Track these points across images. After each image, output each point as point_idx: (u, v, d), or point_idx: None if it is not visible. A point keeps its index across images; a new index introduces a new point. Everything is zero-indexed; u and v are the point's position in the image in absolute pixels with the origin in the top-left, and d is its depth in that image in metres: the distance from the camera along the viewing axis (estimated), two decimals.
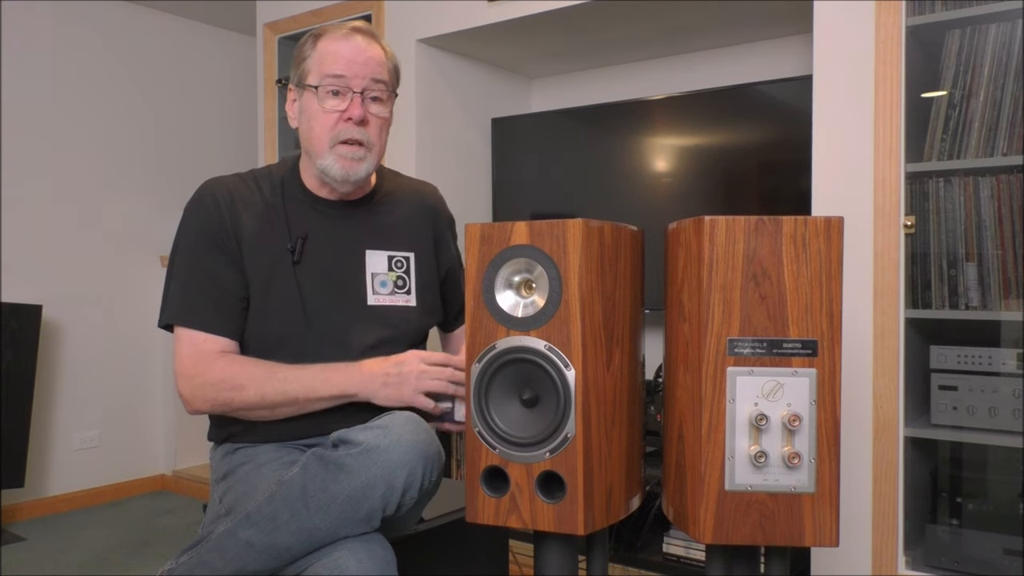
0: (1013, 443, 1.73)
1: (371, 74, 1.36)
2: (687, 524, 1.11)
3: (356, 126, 1.35)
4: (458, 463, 2.74)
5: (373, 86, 1.36)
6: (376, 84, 1.37)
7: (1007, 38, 1.76)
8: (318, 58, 1.36)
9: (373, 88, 1.36)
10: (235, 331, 1.37)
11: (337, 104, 1.35)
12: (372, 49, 1.38)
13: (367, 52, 1.37)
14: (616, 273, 1.15)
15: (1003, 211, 1.76)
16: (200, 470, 3.62)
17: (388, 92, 1.39)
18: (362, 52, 1.36)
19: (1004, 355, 1.76)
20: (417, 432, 1.19)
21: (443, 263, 1.56)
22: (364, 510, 1.16)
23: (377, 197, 1.49)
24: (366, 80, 1.35)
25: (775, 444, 1.06)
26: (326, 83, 1.34)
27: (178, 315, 1.36)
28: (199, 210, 1.40)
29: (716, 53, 2.72)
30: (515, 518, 1.14)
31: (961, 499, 1.85)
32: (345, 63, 1.35)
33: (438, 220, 1.56)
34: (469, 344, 1.19)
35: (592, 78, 3.00)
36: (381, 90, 1.38)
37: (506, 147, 2.86)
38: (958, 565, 1.77)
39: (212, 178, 1.44)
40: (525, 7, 2.41)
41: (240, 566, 1.19)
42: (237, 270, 1.37)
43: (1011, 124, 1.75)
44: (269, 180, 1.45)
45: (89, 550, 2.85)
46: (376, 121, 1.38)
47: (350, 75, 1.34)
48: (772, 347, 1.06)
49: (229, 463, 1.39)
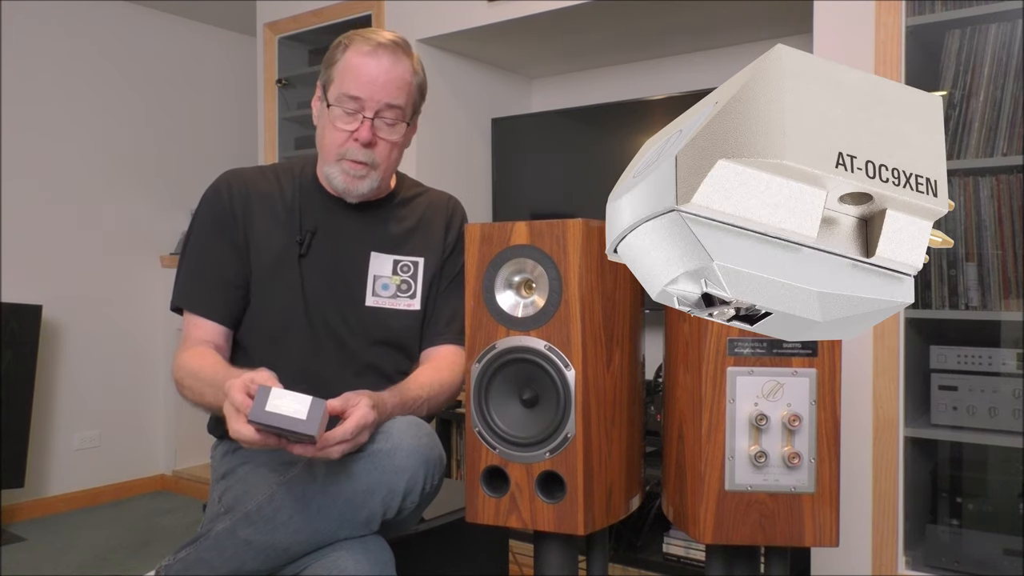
0: (1013, 443, 1.73)
1: (387, 98, 1.35)
2: (687, 524, 1.11)
3: (363, 148, 1.36)
4: (458, 463, 2.74)
5: (386, 111, 1.36)
6: (390, 109, 1.36)
7: (1007, 38, 1.76)
8: (342, 69, 1.36)
9: (386, 114, 1.36)
10: (230, 318, 1.41)
11: (348, 124, 1.36)
12: (396, 69, 1.36)
13: (390, 73, 1.35)
14: (616, 273, 1.15)
15: (1003, 211, 1.76)
16: (200, 470, 3.62)
17: (402, 118, 1.39)
18: (384, 73, 1.35)
19: (1004, 355, 1.76)
20: (419, 436, 1.19)
21: (446, 274, 1.53)
22: (364, 513, 1.16)
23: (393, 202, 1.50)
24: (380, 104, 1.35)
25: (775, 444, 1.06)
26: (342, 102, 1.35)
27: (178, 298, 1.42)
28: (213, 198, 1.44)
29: (716, 53, 2.72)
30: (515, 518, 1.14)
31: (961, 499, 1.85)
32: (363, 85, 1.34)
33: (452, 230, 1.52)
34: (469, 344, 1.19)
35: (592, 78, 3.00)
36: (395, 116, 1.37)
37: (506, 147, 2.86)
38: (958, 565, 1.77)
39: (232, 169, 1.48)
40: (525, 7, 2.41)
41: (238, 565, 1.19)
42: (241, 260, 1.40)
43: (1011, 124, 1.75)
44: (290, 174, 1.47)
45: (89, 550, 2.85)
46: (384, 143, 1.38)
47: (365, 98, 1.34)
48: (772, 347, 1.06)
49: (229, 462, 1.39)
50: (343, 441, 1.11)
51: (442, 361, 1.42)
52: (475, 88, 2.93)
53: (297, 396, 1.05)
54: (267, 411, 1.04)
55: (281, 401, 1.05)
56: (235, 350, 1.43)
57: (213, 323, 1.39)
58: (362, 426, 1.12)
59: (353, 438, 1.12)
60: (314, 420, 1.04)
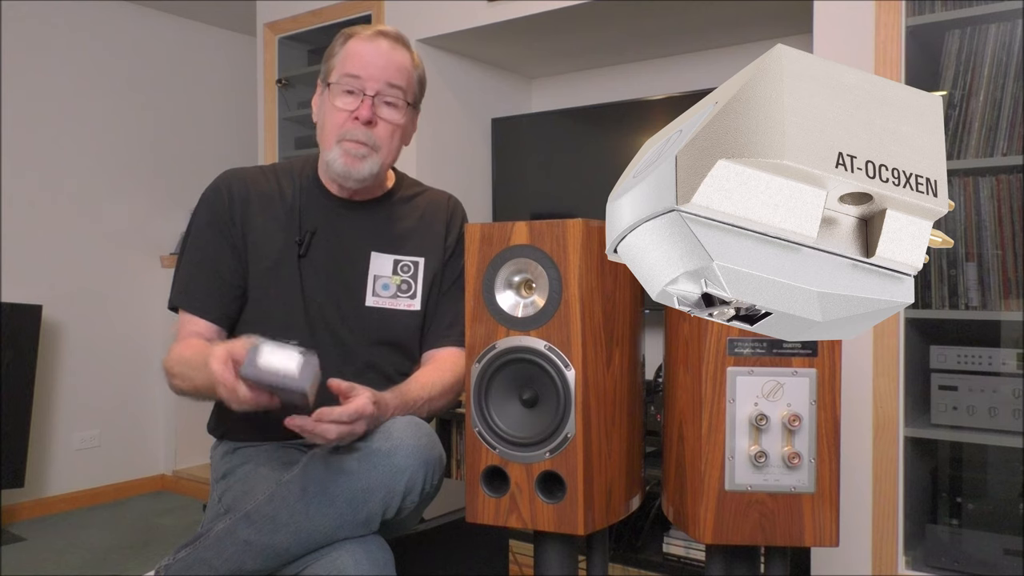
0: (1013, 443, 1.73)
1: (387, 78, 1.36)
2: (687, 524, 1.11)
3: (363, 127, 1.36)
4: (458, 463, 2.74)
5: (387, 90, 1.36)
6: (391, 89, 1.36)
7: (1007, 38, 1.76)
8: (342, 57, 1.38)
9: (387, 92, 1.36)
10: (225, 318, 1.41)
11: (349, 103, 1.36)
12: (396, 54, 1.38)
13: (389, 55, 1.37)
14: (616, 273, 1.15)
15: (1003, 211, 1.76)
16: (200, 470, 3.62)
17: (403, 99, 1.39)
18: (383, 55, 1.36)
19: (1004, 355, 1.76)
20: (419, 436, 1.19)
21: (448, 276, 1.53)
22: (364, 513, 1.16)
23: (392, 201, 1.50)
24: (380, 83, 1.35)
25: (775, 444, 1.06)
26: (342, 81, 1.36)
27: (175, 297, 1.42)
28: (213, 198, 1.43)
29: (716, 53, 2.72)
30: (515, 518, 1.14)
31: (961, 499, 1.85)
32: (363, 64, 1.35)
33: (452, 231, 1.52)
34: (469, 344, 1.19)
35: (592, 78, 3.00)
36: (396, 95, 1.37)
37: (506, 147, 2.86)
38: (958, 565, 1.77)
39: (232, 168, 1.48)
40: (525, 7, 2.41)
41: (237, 565, 1.19)
42: (238, 260, 1.40)
43: (1011, 124, 1.75)
44: (290, 174, 1.47)
45: (89, 550, 2.85)
46: (386, 125, 1.38)
47: (365, 76, 1.35)
48: (772, 347, 1.06)
49: (229, 463, 1.39)
50: (338, 423, 1.10)
51: (444, 363, 1.42)
52: (475, 88, 2.93)
53: (289, 352, 1.04)
54: (258, 366, 1.03)
55: (273, 357, 1.04)
56: None
57: (207, 322, 1.39)
58: (360, 414, 1.12)
59: (350, 423, 1.11)
60: (307, 376, 1.04)
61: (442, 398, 1.37)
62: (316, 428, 1.09)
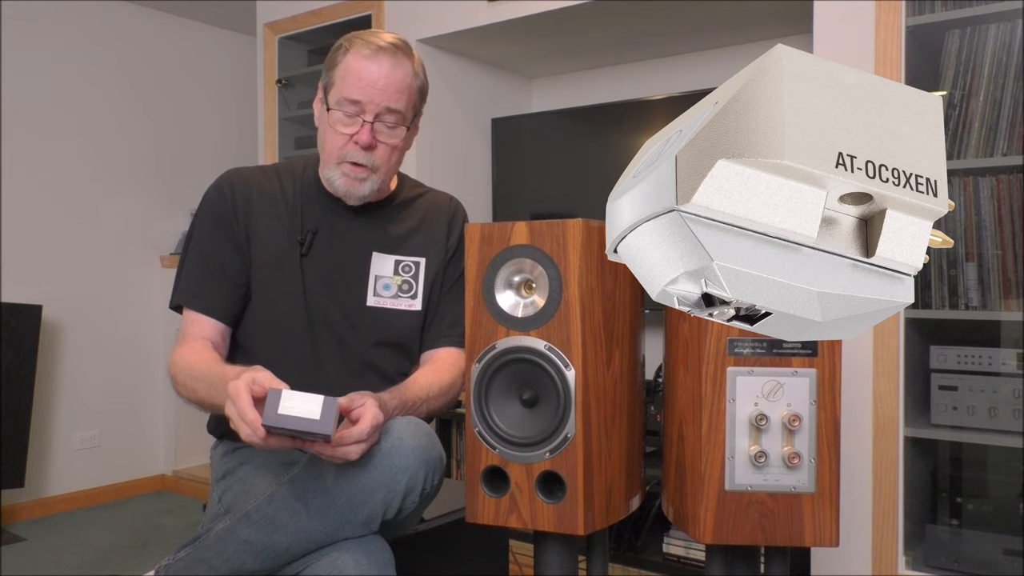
0: (1013, 443, 1.73)
1: (387, 102, 1.35)
2: (687, 524, 1.11)
3: (363, 151, 1.36)
4: (458, 463, 2.74)
5: (386, 115, 1.36)
6: (390, 113, 1.36)
7: (1007, 38, 1.76)
8: (343, 72, 1.36)
9: (386, 117, 1.37)
10: (229, 316, 1.41)
11: (348, 127, 1.36)
12: (397, 73, 1.36)
13: (390, 77, 1.35)
14: (616, 273, 1.15)
15: (1003, 211, 1.76)
16: (200, 470, 3.62)
17: (403, 122, 1.39)
18: (384, 76, 1.35)
19: (1004, 355, 1.76)
20: (419, 437, 1.19)
21: (449, 276, 1.52)
22: (364, 514, 1.16)
23: (394, 203, 1.50)
24: (380, 108, 1.35)
25: (775, 444, 1.06)
26: (342, 106, 1.35)
27: (178, 296, 1.42)
28: (215, 197, 1.44)
29: (716, 53, 2.72)
30: (515, 518, 1.14)
31: (961, 499, 1.85)
32: (363, 88, 1.34)
33: (454, 232, 1.52)
34: (469, 344, 1.19)
35: (592, 78, 3.00)
36: (395, 119, 1.37)
37: (506, 147, 2.86)
38: (958, 565, 1.77)
39: (234, 168, 1.49)
40: (525, 7, 2.41)
41: (238, 565, 1.19)
42: (240, 258, 1.41)
43: (1011, 124, 1.75)
44: (291, 174, 1.48)
45: (89, 550, 2.85)
46: (384, 147, 1.38)
47: (365, 101, 1.34)
48: (772, 347, 1.06)
49: (228, 463, 1.39)
50: (359, 441, 1.11)
51: (443, 363, 1.42)
52: (475, 88, 2.93)
53: (308, 396, 1.05)
54: (280, 414, 1.04)
55: (293, 403, 1.04)
56: (234, 349, 1.43)
57: (212, 320, 1.39)
58: (377, 426, 1.13)
59: (368, 438, 1.12)
60: (328, 419, 1.04)
61: (441, 399, 1.37)
62: (338, 452, 1.10)
